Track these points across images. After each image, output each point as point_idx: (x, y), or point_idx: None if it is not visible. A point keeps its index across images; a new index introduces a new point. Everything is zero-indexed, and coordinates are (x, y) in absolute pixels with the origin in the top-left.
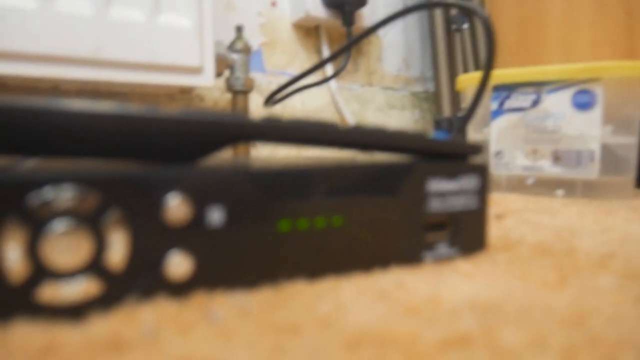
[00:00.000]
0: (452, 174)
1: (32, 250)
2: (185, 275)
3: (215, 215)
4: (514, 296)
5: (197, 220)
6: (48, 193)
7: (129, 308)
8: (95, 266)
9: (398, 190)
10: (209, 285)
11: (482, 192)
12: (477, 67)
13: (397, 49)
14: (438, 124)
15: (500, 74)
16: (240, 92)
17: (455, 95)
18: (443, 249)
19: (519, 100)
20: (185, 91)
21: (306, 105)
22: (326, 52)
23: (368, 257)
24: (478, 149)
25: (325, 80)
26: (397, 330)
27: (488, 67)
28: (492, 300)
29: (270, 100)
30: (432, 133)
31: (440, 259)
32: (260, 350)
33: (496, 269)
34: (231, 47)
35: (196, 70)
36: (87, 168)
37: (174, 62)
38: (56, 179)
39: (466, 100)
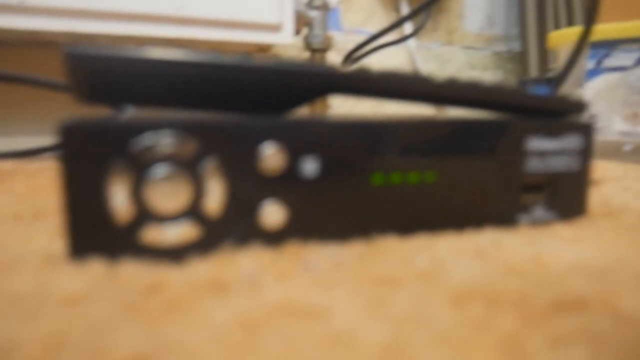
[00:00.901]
0: (553, 132)
1: (136, 194)
2: (278, 225)
3: (310, 166)
4: (627, 263)
5: (292, 171)
6: (150, 139)
7: (225, 254)
8: (193, 211)
9: (495, 148)
10: (301, 235)
11: (586, 153)
12: (570, 23)
13: (479, 5)
14: (523, 86)
15: (600, 29)
16: (318, 51)
17: (544, 55)
18: (539, 212)
19: (619, 58)
20: (263, 49)
21: (383, 64)
22: (405, 9)
23: (460, 216)
24: (583, 105)
25: (404, 38)
26: (504, 290)
27: (589, 20)
28: (602, 266)
29: (348, 59)
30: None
31: (536, 223)
32: (361, 301)
33: (601, 236)
34: (310, 4)
35: (275, 28)
36: (187, 116)
37: (253, 19)
38: (158, 126)
39: (558, 60)
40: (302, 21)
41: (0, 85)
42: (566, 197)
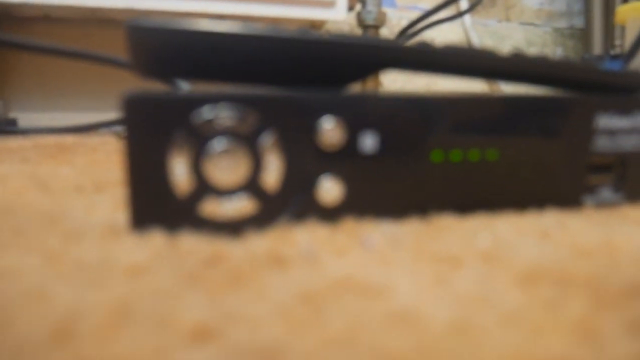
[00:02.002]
0: (624, 110)
1: (196, 167)
2: (336, 200)
3: (369, 141)
4: None
5: (351, 146)
6: (210, 112)
7: (282, 229)
8: (252, 185)
9: (561, 125)
10: (359, 211)
11: None
12: None
13: None
14: (590, 62)
15: None
16: (371, 27)
17: (609, 31)
18: (607, 193)
19: None
20: (316, 25)
21: (438, 41)
22: None
23: (522, 196)
24: None
25: (459, 14)
26: (573, 272)
27: None
28: None
29: (402, 35)
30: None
31: (603, 204)
32: (422, 279)
33: None
34: None
35: (329, 4)
36: (246, 90)
37: None
38: (218, 99)
39: (625, 35)
40: None
41: (62, 61)
42: (636, 178)
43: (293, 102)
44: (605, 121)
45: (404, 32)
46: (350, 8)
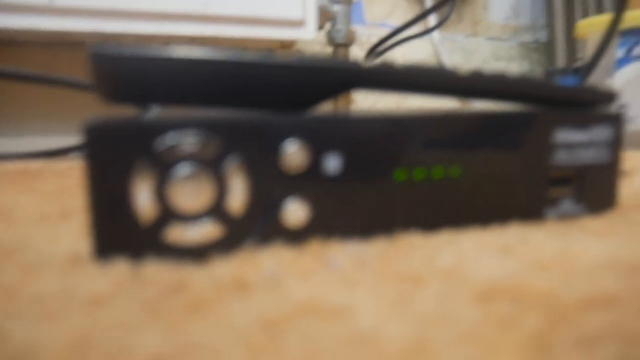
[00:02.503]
0: (582, 124)
1: (160, 193)
2: (301, 223)
3: (332, 163)
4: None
5: (314, 168)
6: (173, 138)
7: (248, 253)
8: (217, 210)
9: (521, 140)
10: (325, 233)
11: (615, 145)
12: (599, 11)
13: None
14: (551, 76)
15: (630, 16)
16: (341, 45)
17: (571, 44)
18: (568, 205)
19: None
20: (286, 45)
21: (407, 58)
22: (428, 2)
23: (486, 211)
24: (612, 95)
25: (428, 31)
26: (531, 286)
27: (619, 7)
28: (633, 262)
29: (372, 53)
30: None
31: (564, 216)
32: (384, 299)
33: (632, 230)
34: None
35: (298, 23)
36: (209, 114)
37: (276, 16)
38: (181, 125)
39: (586, 49)
40: (325, 16)
41: (29, 86)
42: (595, 189)
43: (256, 126)
44: (564, 135)
45: (374, 50)
46: (320, 27)
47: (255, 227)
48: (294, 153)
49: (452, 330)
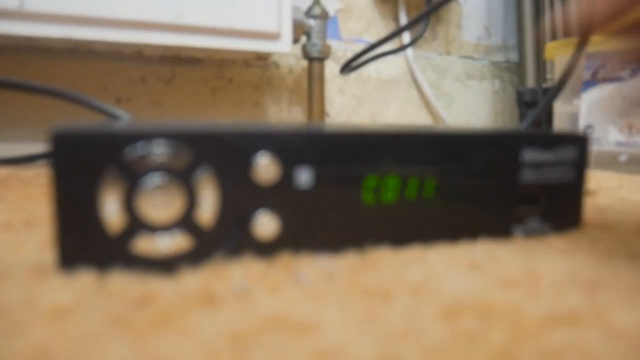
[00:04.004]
0: (548, 144)
1: (128, 203)
2: (271, 235)
3: (304, 177)
4: (621, 275)
5: (286, 181)
6: (143, 148)
7: (217, 265)
8: (186, 221)
9: (490, 159)
10: (295, 246)
11: (580, 165)
12: (567, 34)
13: (478, 15)
14: (521, 95)
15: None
16: (316, 59)
17: (541, 65)
18: (534, 223)
19: (615, 69)
20: (262, 57)
21: (381, 73)
22: (403, 19)
23: (455, 228)
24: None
25: (402, 48)
26: (496, 303)
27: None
28: (596, 279)
29: (346, 68)
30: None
31: (531, 234)
32: (352, 314)
33: (595, 248)
34: (308, 13)
35: (274, 36)
36: (181, 125)
37: (252, 28)
38: (151, 135)
39: (555, 70)
40: (300, 30)
41: None
42: (561, 208)
43: (228, 138)
44: (531, 155)
45: (349, 64)
46: (296, 40)
47: (225, 240)
48: (265, 166)
49: (420, 346)
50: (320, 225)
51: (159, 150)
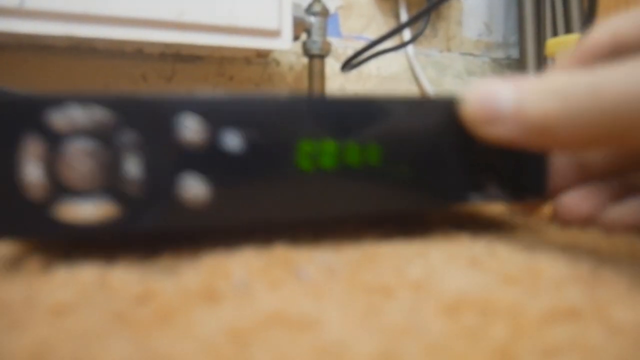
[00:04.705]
0: None
1: (50, 169)
2: (200, 201)
3: (233, 141)
4: (622, 271)
5: (213, 144)
6: (65, 112)
7: (217, 260)
8: (111, 187)
9: (443, 124)
10: (226, 213)
11: None
12: (568, 31)
13: (478, 12)
14: None
15: None
16: (316, 57)
17: (542, 62)
18: (493, 190)
19: None
20: (262, 55)
21: (382, 71)
22: (404, 16)
23: (405, 196)
24: None
25: (402, 45)
26: (497, 299)
27: (587, 27)
28: (597, 275)
29: (347, 65)
30: None
31: (490, 201)
32: (352, 311)
33: (596, 243)
34: (309, 10)
35: (274, 33)
36: (103, 90)
37: (252, 25)
38: (72, 99)
39: (556, 67)
40: (301, 27)
41: None
42: (522, 175)
43: (151, 102)
44: None
45: (349, 62)
46: (296, 38)
47: (152, 206)
48: (190, 129)
49: (420, 342)
50: (253, 191)
51: (80, 115)
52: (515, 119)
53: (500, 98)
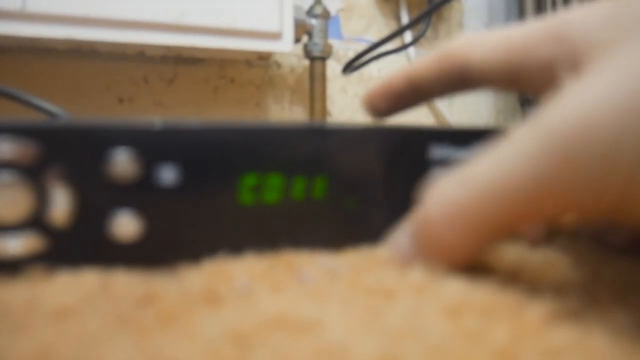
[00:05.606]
0: (461, 140)
1: None
2: (132, 237)
3: (167, 174)
4: (624, 273)
5: (146, 178)
6: None
7: (219, 263)
8: (38, 221)
9: (395, 157)
10: (158, 247)
11: None
12: None
13: (479, 13)
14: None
15: None
16: (317, 59)
17: None
18: None
19: None
20: (263, 57)
21: (383, 72)
22: (405, 18)
23: (351, 231)
24: None
25: (404, 47)
26: (498, 301)
27: None
28: (599, 276)
29: (348, 68)
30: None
31: None
32: (355, 313)
33: (597, 244)
34: (310, 12)
35: (275, 36)
36: (29, 120)
37: (253, 28)
38: None
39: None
40: (302, 29)
41: None
42: None
43: (80, 133)
44: (441, 152)
45: (351, 64)
46: (297, 40)
47: (81, 241)
48: (123, 162)
49: (421, 345)
50: (189, 227)
51: (5, 146)
52: (423, 256)
53: (401, 248)
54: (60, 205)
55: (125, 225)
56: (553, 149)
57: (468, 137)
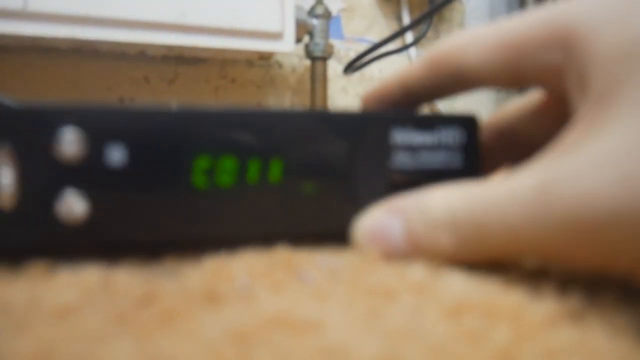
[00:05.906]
0: (425, 125)
1: None
2: (79, 218)
3: (115, 154)
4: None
5: (94, 159)
6: None
7: (220, 263)
8: None
9: (355, 142)
10: (105, 229)
11: (470, 149)
12: None
13: (481, 14)
14: (524, 93)
15: None
16: (319, 59)
17: None
18: None
19: None
20: (265, 57)
21: (384, 73)
22: (406, 18)
23: (313, 220)
24: None
25: (405, 47)
26: (499, 302)
27: None
28: (600, 277)
29: (350, 68)
30: None
31: None
32: (355, 313)
33: None
34: (311, 12)
35: (276, 36)
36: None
37: (254, 27)
38: None
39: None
40: (303, 29)
41: None
42: None
43: (26, 113)
44: (404, 137)
45: (352, 64)
46: (298, 40)
47: (27, 222)
48: (69, 141)
49: (422, 345)
50: (139, 209)
51: None
52: (411, 252)
53: (390, 234)
54: (5, 186)
55: (72, 205)
56: (554, 217)
57: (431, 122)
